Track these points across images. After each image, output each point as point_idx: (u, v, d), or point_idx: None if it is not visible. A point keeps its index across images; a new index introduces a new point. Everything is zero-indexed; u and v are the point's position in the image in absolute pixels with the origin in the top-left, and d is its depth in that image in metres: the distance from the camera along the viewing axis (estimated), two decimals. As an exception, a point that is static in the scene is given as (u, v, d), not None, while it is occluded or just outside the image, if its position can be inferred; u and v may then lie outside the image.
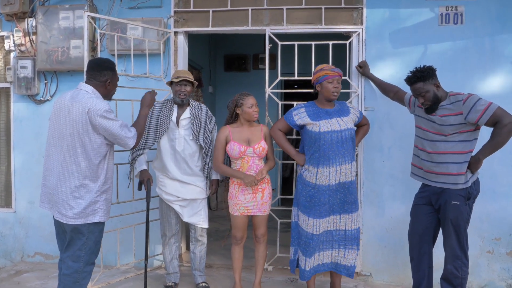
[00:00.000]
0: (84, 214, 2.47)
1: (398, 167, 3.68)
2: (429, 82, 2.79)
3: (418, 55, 3.65)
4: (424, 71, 2.81)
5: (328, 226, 3.03)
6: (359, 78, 3.70)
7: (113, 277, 3.68)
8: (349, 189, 2.99)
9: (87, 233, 2.50)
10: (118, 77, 2.72)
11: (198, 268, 3.44)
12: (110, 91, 2.67)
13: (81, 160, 2.45)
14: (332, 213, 3.01)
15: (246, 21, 3.80)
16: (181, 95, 3.21)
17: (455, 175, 2.75)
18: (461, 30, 3.59)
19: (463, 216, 2.78)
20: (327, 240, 3.06)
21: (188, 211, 3.33)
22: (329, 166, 2.93)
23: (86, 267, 2.54)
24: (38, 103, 4.12)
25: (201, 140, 3.23)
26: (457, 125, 2.72)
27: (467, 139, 2.75)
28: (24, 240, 4.22)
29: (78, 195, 2.46)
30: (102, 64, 2.59)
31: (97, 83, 2.57)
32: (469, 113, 2.65)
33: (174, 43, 3.89)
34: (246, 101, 3.13)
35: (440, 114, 2.78)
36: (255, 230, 3.26)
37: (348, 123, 2.99)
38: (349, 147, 2.96)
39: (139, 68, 3.84)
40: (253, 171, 3.12)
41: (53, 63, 3.95)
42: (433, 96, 2.78)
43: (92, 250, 2.56)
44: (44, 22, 3.96)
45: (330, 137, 2.92)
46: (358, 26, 3.69)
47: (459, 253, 2.80)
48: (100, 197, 2.53)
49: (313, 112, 3.04)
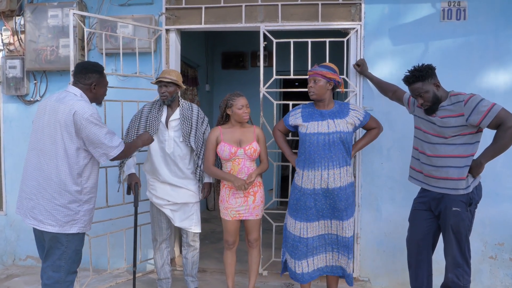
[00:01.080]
0: (62, 223, 2.37)
1: (397, 169, 3.55)
2: (428, 81, 2.64)
3: (419, 52, 3.50)
4: (423, 70, 2.66)
5: (319, 230, 2.90)
6: (357, 77, 3.57)
7: (104, 282, 3.60)
8: (338, 196, 2.82)
9: (65, 242, 2.41)
10: (106, 81, 2.64)
11: (190, 273, 3.34)
12: (97, 94, 2.57)
13: (62, 165, 2.36)
14: (322, 217, 2.88)
15: (240, 18, 3.67)
16: (162, 96, 3.09)
17: (456, 180, 2.61)
18: (464, 26, 3.44)
19: (465, 223, 2.64)
20: (320, 244, 2.93)
21: (180, 216, 3.22)
22: (314, 170, 2.82)
23: (67, 277, 2.46)
24: (27, 103, 4.02)
25: (192, 141, 3.12)
26: (458, 127, 2.58)
27: (469, 142, 2.61)
28: (16, 243, 4.14)
29: (58, 202, 2.36)
30: (88, 67, 2.52)
31: (83, 86, 2.50)
32: (471, 115, 2.51)
33: (166, 41, 3.77)
34: (236, 101, 3.02)
35: (441, 115, 2.64)
36: (247, 235, 3.16)
37: (340, 125, 2.83)
38: (338, 151, 2.81)
39: (130, 68, 3.73)
40: (244, 173, 3.01)
41: (42, 63, 3.85)
42: (432, 97, 2.64)
43: (73, 260, 2.47)
44: (32, 20, 3.85)
45: (316, 139, 2.81)
46: (356, 23, 3.54)
47: (460, 261, 2.67)
48: (82, 207, 2.44)
49: (307, 113, 2.95)
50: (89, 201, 2.49)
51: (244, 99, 3.03)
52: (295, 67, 3.61)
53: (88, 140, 2.37)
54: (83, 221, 2.45)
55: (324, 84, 2.86)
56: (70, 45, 3.20)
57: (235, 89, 6.36)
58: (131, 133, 3.12)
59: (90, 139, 2.37)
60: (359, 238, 3.61)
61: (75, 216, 2.41)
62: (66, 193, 2.37)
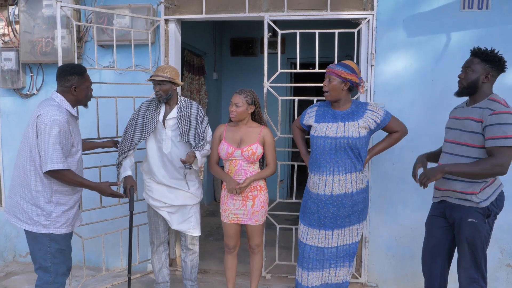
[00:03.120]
0: (36, 222, 2.37)
1: (409, 170, 3.24)
2: (484, 66, 2.38)
3: (436, 44, 3.22)
4: (495, 55, 2.39)
5: (319, 241, 2.71)
6: (369, 71, 3.31)
7: (103, 283, 3.51)
8: (343, 203, 2.63)
9: (47, 242, 2.40)
10: (89, 82, 2.54)
11: (189, 277, 3.22)
12: (79, 97, 2.49)
13: (29, 166, 2.37)
14: (324, 227, 2.69)
15: (243, 7, 3.43)
16: (156, 95, 2.91)
17: (466, 194, 2.39)
18: (486, 16, 3.14)
19: (481, 235, 2.40)
20: (317, 259, 2.73)
21: (177, 218, 3.07)
22: (319, 174, 2.66)
23: (57, 278, 2.44)
24: (24, 97, 3.89)
25: (191, 139, 2.92)
26: (475, 134, 2.33)
27: (483, 155, 2.34)
28: (16, 239, 4.08)
29: (30, 201, 2.38)
30: (66, 70, 2.46)
31: (63, 89, 2.45)
32: (488, 127, 2.26)
33: (165, 32, 3.56)
34: (232, 98, 2.86)
35: (467, 116, 2.41)
36: (249, 240, 3.01)
37: (349, 130, 2.59)
38: (345, 157, 2.60)
39: (127, 61, 3.56)
40: (241, 175, 2.84)
41: (37, 55, 3.68)
42: (473, 79, 2.40)
43: (59, 260, 2.44)
44: (26, 10, 3.67)
45: (322, 142, 2.63)
46: (368, 12, 3.27)
47: (475, 276, 2.45)
48: (54, 208, 2.40)
49: (321, 113, 2.75)
50: (63, 203, 2.43)
51: (237, 97, 2.83)
52: (309, 58, 3.36)
53: (38, 143, 2.33)
54: (56, 222, 2.41)
55: (338, 84, 2.62)
56: (58, 40, 3.04)
57: (244, 77, 6.26)
58: (128, 132, 2.97)
59: (39, 143, 2.33)
60: (367, 242, 3.42)
61: (48, 216, 2.38)
62: (35, 193, 2.37)
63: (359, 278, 3.45)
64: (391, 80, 3.30)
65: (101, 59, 3.67)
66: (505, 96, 2.97)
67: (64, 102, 2.42)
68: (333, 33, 3.32)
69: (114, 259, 3.74)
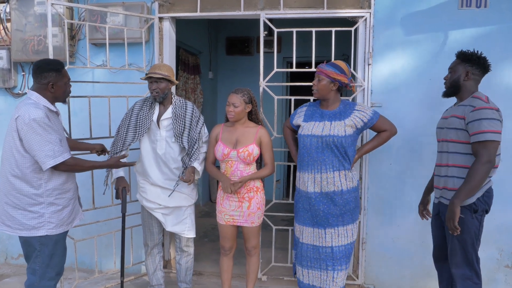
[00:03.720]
0: (28, 226, 2.32)
1: (407, 170, 3.28)
2: (464, 65, 2.48)
3: (434, 43, 3.18)
4: (473, 54, 2.49)
5: (314, 240, 2.71)
6: (366, 70, 3.27)
7: (97, 285, 3.45)
8: (334, 200, 2.63)
9: (38, 246, 2.36)
10: (67, 78, 2.45)
11: (184, 280, 3.17)
12: (57, 93, 2.41)
13: (15, 170, 2.30)
14: (317, 225, 2.68)
15: (238, 5, 3.37)
16: (153, 93, 2.85)
17: (453, 191, 2.42)
18: (484, 15, 3.10)
19: (470, 231, 2.41)
20: (315, 258, 2.72)
21: (172, 220, 3.02)
22: (307, 172, 2.68)
23: (42, 281, 2.40)
24: (16, 96, 3.82)
25: (185, 141, 2.88)
26: (459, 130, 2.40)
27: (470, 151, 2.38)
28: (8, 241, 4.01)
29: (18, 206, 2.32)
30: (42, 66, 2.35)
31: (40, 86, 2.36)
32: (470, 123, 2.32)
33: (160, 30, 3.50)
34: (228, 97, 2.80)
35: (452, 114, 2.48)
36: (245, 242, 2.97)
37: (335, 129, 2.60)
38: (331, 155, 2.61)
39: (121, 59, 3.49)
40: (236, 176, 2.80)
41: (29, 53, 3.61)
42: (454, 79, 2.50)
43: (47, 264, 2.39)
44: (18, 7, 3.60)
45: (309, 141, 2.65)
46: (365, 10, 3.22)
47: (468, 273, 2.45)
48: (47, 209, 2.35)
49: (310, 113, 2.77)
50: (54, 203, 2.38)
51: (234, 97, 2.77)
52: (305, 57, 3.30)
53: (26, 146, 2.26)
54: (50, 223, 2.36)
55: (327, 84, 2.64)
56: (49, 38, 2.97)
57: (240, 76, 6.20)
58: (121, 132, 2.91)
59: (27, 145, 2.25)
60: (364, 243, 3.38)
61: (40, 218, 2.34)
62: (23, 197, 2.31)
63: (356, 279, 3.41)
64: (389, 79, 3.26)
65: (94, 57, 3.61)
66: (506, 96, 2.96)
67: (41, 99, 2.33)
68: (330, 31, 3.27)
69: (108, 261, 3.68)
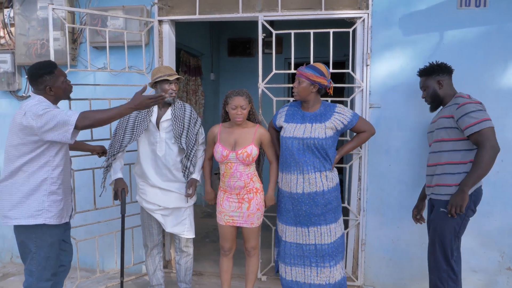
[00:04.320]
0: (27, 215, 2.33)
1: (407, 171, 3.27)
2: (432, 78, 2.69)
3: (433, 43, 3.17)
4: (432, 66, 2.71)
5: (297, 238, 2.79)
6: (364, 71, 3.26)
7: (98, 284, 3.50)
8: (315, 201, 2.70)
9: (34, 248, 2.39)
10: (62, 77, 2.46)
11: (183, 280, 3.20)
12: (57, 94, 2.45)
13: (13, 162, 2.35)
14: (300, 224, 2.76)
15: (237, 7, 3.39)
16: (172, 94, 2.91)
17: (452, 186, 2.50)
18: (483, 14, 3.07)
19: (450, 226, 2.50)
20: (298, 255, 2.80)
21: (171, 221, 3.05)
22: (290, 173, 2.75)
23: (39, 283, 2.43)
24: (20, 99, 3.89)
25: (183, 142, 2.92)
26: (450, 129, 2.52)
27: (466, 148, 2.48)
28: (13, 240, 3.99)
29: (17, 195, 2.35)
30: (34, 73, 2.39)
31: (39, 92, 2.41)
32: (459, 119, 2.45)
33: (159, 33, 3.53)
34: (232, 100, 2.79)
35: (439, 116, 2.63)
36: (244, 243, 2.99)
37: (316, 131, 2.67)
38: (313, 157, 2.68)
39: (121, 62, 3.53)
40: (237, 178, 2.82)
41: (32, 57, 3.68)
42: (431, 93, 2.70)
43: (43, 266, 2.43)
44: (21, 12, 3.67)
45: (291, 143, 2.71)
46: (363, 11, 3.22)
47: (444, 266, 2.55)
48: (47, 198, 2.38)
49: (291, 113, 2.83)
50: (56, 192, 2.42)
51: (241, 99, 2.76)
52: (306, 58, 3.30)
53: (48, 127, 2.22)
54: (49, 211, 2.39)
55: (307, 86, 2.71)
56: (50, 43, 3.03)
57: (241, 77, 6.22)
58: (118, 135, 2.95)
59: (44, 129, 2.23)
60: (364, 244, 3.37)
61: (40, 205, 2.36)
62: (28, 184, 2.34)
63: (356, 281, 3.41)
64: (387, 80, 3.25)
65: (95, 60, 3.66)
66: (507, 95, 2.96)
67: (43, 100, 2.36)
68: (329, 32, 3.27)
69: (109, 260, 3.72)
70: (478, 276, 3.21)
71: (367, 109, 3.25)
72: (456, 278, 2.54)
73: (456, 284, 2.55)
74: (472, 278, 3.20)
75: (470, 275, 3.19)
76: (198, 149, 3.06)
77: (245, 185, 2.83)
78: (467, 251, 3.10)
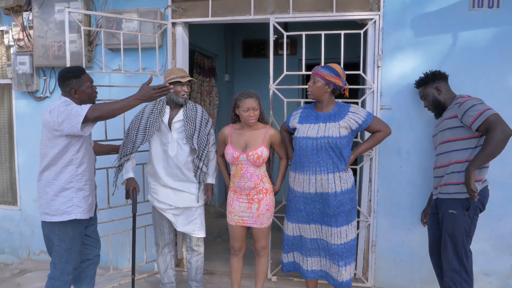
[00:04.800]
0: (59, 211, 2.49)
1: (417, 173, 3.26)
2: (430, 86, 2.81)
3: (445, 45, 3.15)
4: (427, 75, 2.85)
5: (311, 234, 2.81)
6: (375, 72, 3.26)
7: (111, 282, 3.57)
8: (328, 201, 2.69)
9: (57, 241, 2.53)
10: (88, 82, 2.60)
11: (194, 278, 3.24)
12: (82, 97, 2.57)
13: (45, 162, 2.51)
14: (313, 221, 2.79)
15: (249, 10, 3.44)
16: (184, 95, 2.97)
17: (459, 185, 2.54)
18: (497, 15, 3.04)
19: (461, 227, 2.53)
20: (313, 248, 2.84)
21: (182, 220, 3.10)
22: (303, 174, 2.75)
23: (61, 276, 2.56)
24: (38, 100, 4.00)
25: (195, 143, 2.97)
26: (455, 129, 2.58)
27: (473, 146, 2.53)
28: (30, 238, 4.19)
29: (50, 192, 2.51)
30: (63, 76, 2.56)
31: (65, 94, 2.57)
32: (463, 116, 2.51)
33: (173, 35, 3.60)
34: (243, 103, 2.82)
35: (443, 118, 2.75)
36: (254, 243, 3.03)
37: (329, 130, 2.67)
38: (326, 157, 2.67)
39: (136, 64, 3.60)
40: (247, 179, 2.85)
41: (50, 59, 3.78)
42: (432, 100, 2.80)
43: (66, 259, 2.54)
44: (40, 15, 3.78)
45: (305, 143, 2.71)
46: (374, 13, 3.22)
47: (456, 267, 2.56)
48: (76, 194, 2.53)
49: (305, 115, 2.84)
50: (83, 189, 2.56)
51: (252, 101, 2.80)
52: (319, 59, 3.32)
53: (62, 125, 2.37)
54: (79, 207, 2.54)
55: (322, 85, 2.71)
56: (67, 45, 3.11)
57: (256, 78, 6.26)
58: (131, 135, 3.00)
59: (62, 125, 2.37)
60: (374, 246, 3.37)
61: (69, 203, 2.50)
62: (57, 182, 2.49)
63: (366, 282, 3.41)
64: (399, 81, 3.24)
65: (111, 62, 3.74)
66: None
67: (69, 102, 2.49)
68: (337, 39, 3.28)
69: (123, 258, 3.80)
70: (490, 279, 3.18)
71: (378, 111, 3.25)
72: (469, 279, 2.56)
73: (469, 285, 2.55)
74: (484, 281, 3.18)
75: (482, 278, 3.16)
76: (210, 151, 3.10)
77: (255, 186, 2.86)
78: (479, 254, 3.08)
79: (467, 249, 2.55)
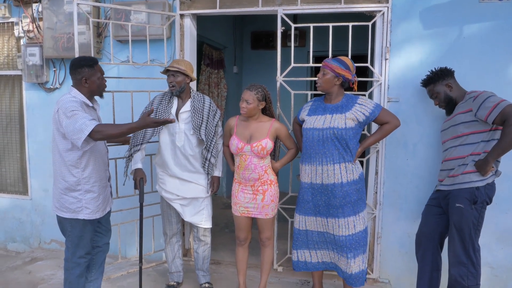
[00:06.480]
0: (69, 210, 2.54)
1: (424, 166, 3.26)
2: (440, 83, 2.80)
3: (453, 37, 3.13)
4: (435, 73, 2.83)
5: (317, 227, 2.87)
6: (383, 64, 3.25)
7: (120, 270, 3.63)
8: (333, 193, 2.73)
9: (69, 228, 2.59)
10: (100, 73, 2.60)
11: (201, 268, 3.29)
12: (91, 88, 2.57)
13: (58, 159, 2.53)
14: (319, 214, 2.83)
15: (257, 1, 3.43)
16: (170, 87, 2.99)
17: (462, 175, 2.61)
18: (507, 7, 3.02)
19: (468, 220, 2.55)
20: (321, 241, 2.89)
21: (190, 210, 3.15)
22: (310, 164, 2.80)
23: (73, 258, 2.63)
24: (48, 91, 4.05)
25: (202, 134, 3.00)
26: (468, 123, 2.60)
27: (485, 139, 2.56)
28: (41, 227, 4.28)
29: (61, 191, 2.54)
30: (75, 63, 2.56)
31: (76, 82, 2.56)
32: (478, 110, 2.53)
33: (180, 27, 3.61)
34: (243, 94, 2.87)
35: (455, 113, 2.72)
36: (259, 233, 3.06)
37: (335, 121, 2.69)
38: (332, 148, 2.70)
39: (144, 55, 3.63)
40: (251, 170, 2.88)
41: (59, 50, 3.83)
42: (444, 97, 2.80)
43: (76, 244, 2.61)
44: (49, 7, 3.81)
45: (311, 134, 2.76)
46: (382, 5, 3.21)
47: (464, 260, 2.58)
48: (84, 196, 2.55)
49: (315, 107, 2.87)
50: (91, 191, 2.57)
51: (248, 93, 2.84)
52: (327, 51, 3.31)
53: (65, 131, 2.38)
54: (87, 208, 2.56)
55: (332, 78, 2.73)
56: (75, 37, 3.14)
57: (264, 70, 6.27)
58: None
59: (66, 131, 2.38)
60: (379, 238, 3.39)
61: (78, 203, 2.54)
62: (65, 183, 2.52)
63: (371, 273, 3.43)
64: (406, 74, 3.23)
65: (119, 54, 3.77)
66: None
67: (78, 94, 2.51)
68: (345, 31, 3.26)
69: (131, 247, 3.87)
70: (495, 272, 3.19)
71: (385, 103, 3.25)
72: (476, 272, 2.57)
73: (476, 279, 2.56)
74: (489, 274, 3.18)
75: (487, 271, 3.17)
76: (218, 143, 3.12)
77: (259, 177, 2.89)
78: (485, 247, 3.07)
79: (474, 243, 2.55)
